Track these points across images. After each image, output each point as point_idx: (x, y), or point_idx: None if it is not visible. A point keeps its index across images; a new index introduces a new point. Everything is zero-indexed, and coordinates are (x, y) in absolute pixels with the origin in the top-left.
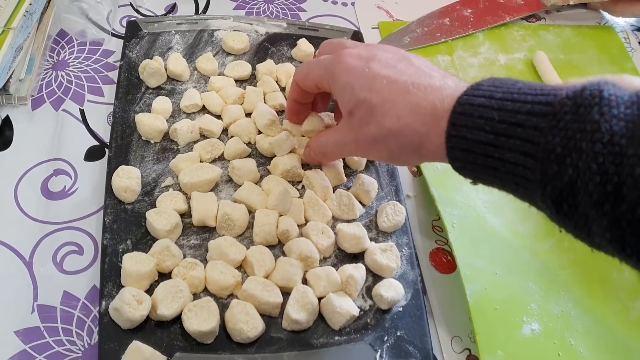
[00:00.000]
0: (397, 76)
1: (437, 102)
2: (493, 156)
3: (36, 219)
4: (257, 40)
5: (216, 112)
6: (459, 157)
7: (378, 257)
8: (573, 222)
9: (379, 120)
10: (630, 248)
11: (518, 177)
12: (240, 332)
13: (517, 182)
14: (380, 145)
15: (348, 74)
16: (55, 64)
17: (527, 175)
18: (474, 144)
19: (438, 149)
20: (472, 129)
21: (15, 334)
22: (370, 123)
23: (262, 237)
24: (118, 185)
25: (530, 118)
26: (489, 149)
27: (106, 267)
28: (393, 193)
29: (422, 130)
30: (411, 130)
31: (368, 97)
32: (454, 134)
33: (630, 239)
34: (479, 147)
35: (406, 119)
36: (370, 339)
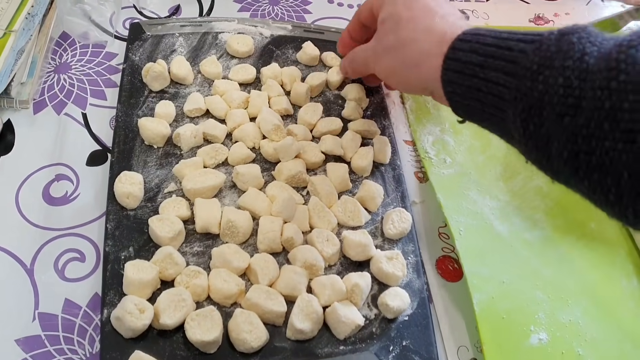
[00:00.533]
0: (431, 3)
1: (448, 28)
2: (479, 76)
3: (37, 225)
4: (262, 43)
5: (220, 116)
6: (451, 79)
7: (384, 265)
8: (537, 142)
9: (398, 32)
10: (582, 170)
11: (497, 98)
12: (243, 342)
13: (495, 103)
14: (389, 54)
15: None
16: (57, 67)
17: (504, 94)
18: (465, 65)
19: (434, 69)
20: (468, 52)
21: (16, 342)
22: (391, 34)
23: (267, 245)
24: (120, 192)
25: (519, 44)
26: (477, 69)
27: (108, 275)
28: (399, 199)
29: (426, 48)
30: (418, 46)
31: (401, 10)
32: (451, 57)
33: (584, 157)
34: (469, 68)
35: (418, 35)
36: (376, 349)
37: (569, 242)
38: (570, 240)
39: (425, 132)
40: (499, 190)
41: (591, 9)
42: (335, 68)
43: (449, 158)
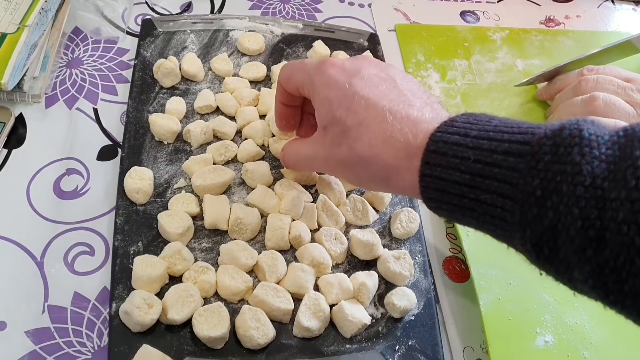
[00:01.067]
0: (377, 99)
1: (411, 136)
2: (469, 197)
3: (48, 218)
4: (273, 41)
5: (230, 113)
6: (433, 197)
7: (391, 265)
8: (554, 267)
9: (350, 144)
10: (613, 295)
11: (496, 219)
12: (250, 338)
13: (496, 224)
14: (349, 170)
15: (328, 87)
16: (69, 62)
17: (506, 217)
18: (448, 184)
19: (409, 185)
20: (447, 168)
21: (26, 334)
22: (342, 144)
23: (274, 242)
24: (130, 187)
25: (508, 158)
26: (465, 190)
27: (117, 269)
28: (407, 199)
29: (393, 163)
30: (382, 161)
31: (344, 116)
32: (427, 173)
33: (613, 287)
34: (454, 188)
35: (378, 149)
36: (382, 348)
37: None
38: None
39: None
40: None
41: (602, 12)
42: None
43: None
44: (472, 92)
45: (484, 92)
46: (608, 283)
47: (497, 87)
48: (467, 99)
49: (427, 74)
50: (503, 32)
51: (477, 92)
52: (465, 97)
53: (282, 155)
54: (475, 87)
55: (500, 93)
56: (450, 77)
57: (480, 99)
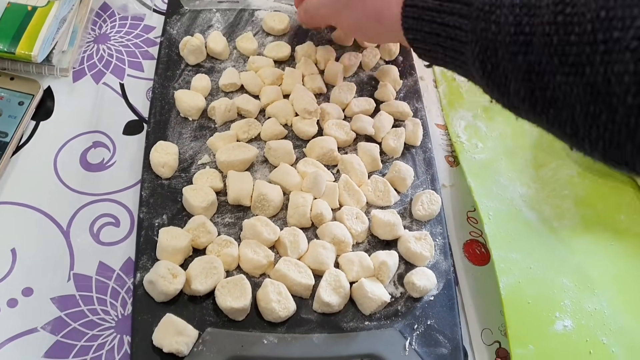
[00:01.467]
0: None
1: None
2: (437, 21)
3: (74, 189)
4: (297, 21)
5: (254, 92)
6: (411, 26)
7: (412, 245)
8: (496, 82)
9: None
10: (539, 106)
11: (455, 42)
12: (272, 311)
13: (454, 47)
14: (349, 10)
15: None
16: (97, 37)
17: (462, 37)
18: (423, 11)
19: (395, 18)
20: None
21: (52, 300)
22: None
23: (296, 219)
24: (156, 160)
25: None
26: (434, 15)
27: (142, 240)
28: (429, 182)
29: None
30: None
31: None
32: (409, 3)
33: (539, 94)
34: (426, 14)
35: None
36: (400, 326)
37: (597, 233)
38: (598, 231)
39: (458, 116)
40: (530, 178)
41: None
42: (371, 49)
43: (481, 143)
44: None
45: None
46: (535, 90)
47: None
48: None
49: None
50: None
51: None
52: None
53: (299, 12)
54: None
55: None
56: None
57: None
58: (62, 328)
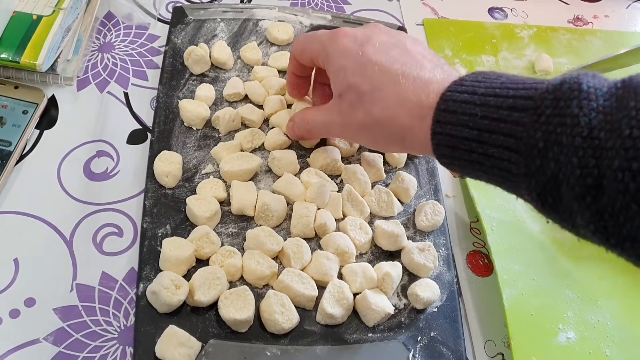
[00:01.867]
0: (389, 64)
1: (423, 96)
2: (478, 152)
3: (78, 198)
4: (302, 31)
5: (258, 101)
6: (445, 153)
7: (415, 256)
8: (558, 215)
9: (367, 108)
10: (614, 239)
11: (504, 172)
12: (275, 322)
13: (503, 176)
14: (367, 133)
15: (342, 56)
16: (101, 46)
17: (512, 169)
18: (458, 141)
19: (423, 143)
20: (456, 125)
21: (54, 311)
22: (359, 109)
23: (300, 230)
24: (160, 170)
25: (512, 113)
26: (474, 145)
27: (145, 251)
28: (432, 192)
29: (407, 123)
30: (397, 122)
31: (359, 82)
32: (438, 131)
33: (613, 230)
34: (463, 144)
35: (393, 111)
36: (404, 338)
37: None
38: None
39: None
40: None
41: (631, 13)
42: None
43: None
44: None
45: None
46: (608, 227)
47: None
48: None
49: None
50: (531, 29)
51: None
52: None
53: (290, 125)
54: None
55: None
56: None
57: None
58: (65, 339)
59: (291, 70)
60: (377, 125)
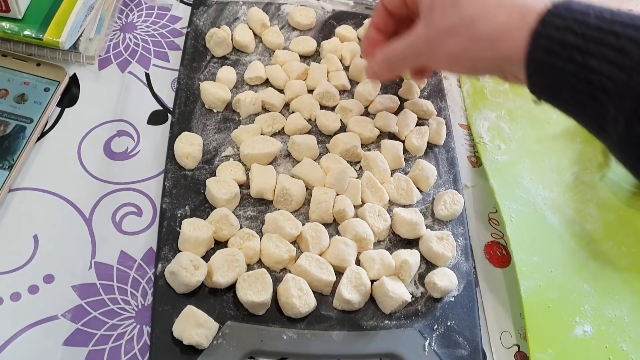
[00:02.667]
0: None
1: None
2: (576, 61)
3: (98, 177)
4: (324, 16)
5: (279, 86)
6: (538, 57)
7: (434, 245)
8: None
9: (460, 9)
10: None
11: (595, 88)
12: (292, 306)
13: (592, 93)
14: (452, 38)
15: None
16: (123, 26)
17: (607, 85)
18: (559, 46)
19: (516, 47)
20: (563, 29)
21: (73, 288)
22: (451, 13)
23: (318, 215)
24: (180, 151)
25: (627, 29)
26: (574, 53)
27: (164, 231)
28: (451, 182)
29: (504, 22)
30: (492, 20)
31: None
32: (542, 32)
33: None
34: (564, 50)
35: (489, 11)
36: (420, 326)
37: (619, 238)
38: (621, 236)
39: (481, 117)
40: (553, 181)
41: None
42: None
43: (504, 145)
44: None
45: None
46: None
47: None
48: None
49: None
50: None
51: None
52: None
53: (371, 63)
54: None
55: None
56: None
57: None
58: (83, 316)
59: (374, 24)
60: (467, 24)
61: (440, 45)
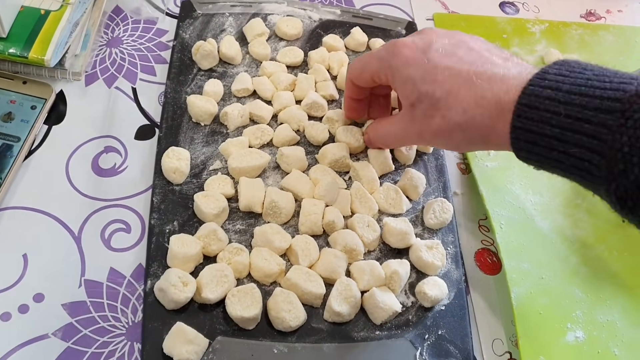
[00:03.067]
0: (459, 66)
1: (502, 93)
2: (558, 150)
3: (86, 194)
4: (310, 26)
5: (267, 97)
6: (523, 147)
7: (424, 254)
8: (637, 217)
9: (444, 114)
10: None
11: (583, 172)
12: (282, 320)
13: (582, 175)
14: (446, 138)
15: (407, 66)
16: (109, 41)
17: (593, 170)
18: (539, 137)
19: (503, 139)
20: (538, 122)
21: (63, 306)
22: (435, 116)
23: (308, 227)
24: (167, 166)
25: (598, 115)
26: (554, 143)
27: (153, 247)
28: (441, 189)
29: (488, 123)
30: (477, 123)
31: (431, 90)
32: (518, 126)
33: None
34: (543, 140)
35: (472, 112)
36: (411, 336)
37: (610, 243)
38: (611, 241)
39: None
40: (542, 186)
41: None
42: None
43: (493, 151)
44: None
45: None
46: None
47: None
48: None
49: None
50: (542, 24)
51: None
52: None
53: (367, 138)
54: None
55: None
56: None
57: None
58: (73, 334)
59: (348, 95)
60: (456, 129)
61: (432, 142)
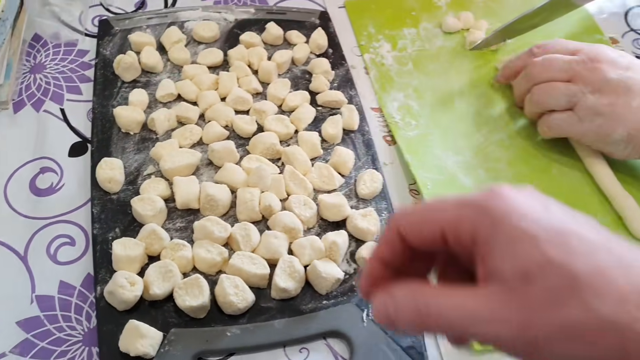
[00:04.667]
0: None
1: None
2: None
3: (27, 215)
4: (227, 27)
5: (191, 99)
6: None
7: (359, 222)
8: None
9: (586, 300)
10: None
11: None
12: (230, 304)
13: None
14: (576, 342)
15: (524, 219)
16: (32, 68)
17: None
18: None
19: None
20: None
21: (17, 324)
22: (567, 303)
23: (246, 214)
24: (102, 177)
25: None
26: None
27: (98, 255)
28: (370, 162)
29: None
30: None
31: (566, 260)
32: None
33: None
34: None
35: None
36: (357, 300)
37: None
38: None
39: (390, 98)
40: (463, 146)
41: None
42: (301, 45)
43: (414, 121)
44: (422, 58)
45: (434, 56)
46: None
47: (446, 51)
48: (419, 64)
49: (379, 44)
50: None
51: (427, 57)
52: (417, 63)
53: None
54: (425, 52)
55: (449, 56)
56: (400, 45)
57: (431, 63)
58: (31, 349)
59: (380, 253)
60: (605, 330)
61: (542, 337)
